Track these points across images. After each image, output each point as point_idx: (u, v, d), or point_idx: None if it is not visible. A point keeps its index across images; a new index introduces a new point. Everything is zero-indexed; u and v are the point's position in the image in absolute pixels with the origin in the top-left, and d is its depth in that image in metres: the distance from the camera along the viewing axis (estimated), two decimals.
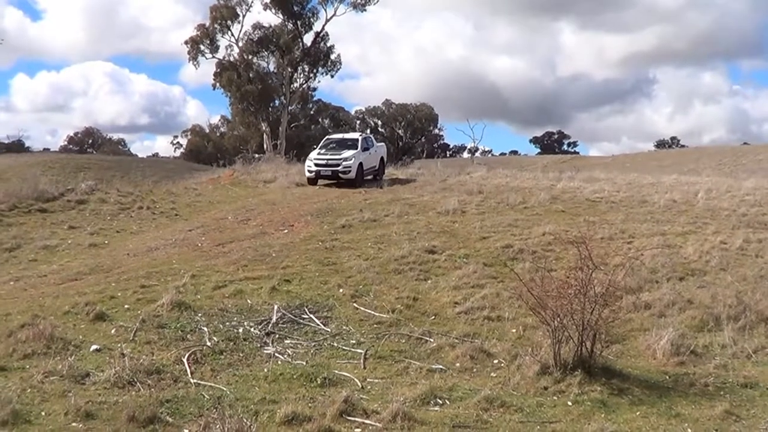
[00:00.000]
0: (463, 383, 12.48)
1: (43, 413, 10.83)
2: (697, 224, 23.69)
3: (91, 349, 13.33)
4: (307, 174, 35.97)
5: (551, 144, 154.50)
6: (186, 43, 67.33)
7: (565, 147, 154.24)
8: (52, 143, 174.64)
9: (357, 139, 37.93)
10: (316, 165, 35.49)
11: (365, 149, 37.15)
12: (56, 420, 10.62)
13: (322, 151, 36.69)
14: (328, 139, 39.91)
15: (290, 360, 13.22)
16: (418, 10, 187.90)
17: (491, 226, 22.60)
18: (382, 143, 43.77)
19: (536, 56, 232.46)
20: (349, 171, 34.87)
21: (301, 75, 70.58)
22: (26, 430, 10.29)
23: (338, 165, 35.00)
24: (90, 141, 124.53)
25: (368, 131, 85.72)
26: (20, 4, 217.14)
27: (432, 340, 14.41)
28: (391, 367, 13.20)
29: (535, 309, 13.38)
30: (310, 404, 11.12)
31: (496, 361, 13.62)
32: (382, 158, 39.82)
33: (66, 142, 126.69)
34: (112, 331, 14.24)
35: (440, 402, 11.59)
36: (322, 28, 66.99)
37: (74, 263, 21.59)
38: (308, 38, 67.47)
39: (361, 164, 35.63)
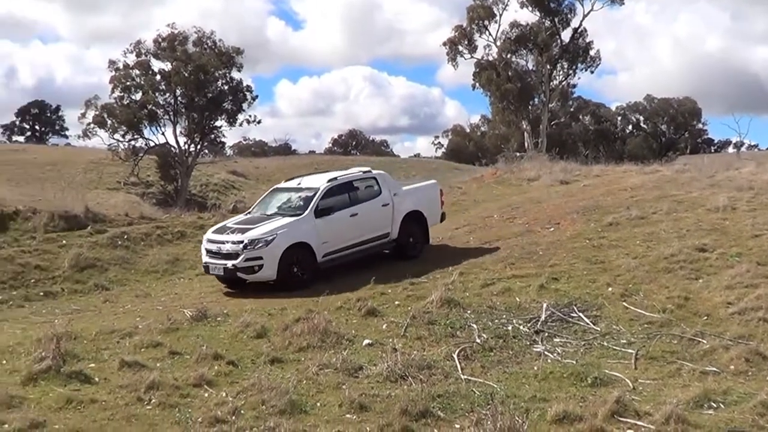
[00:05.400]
0: (738, 387, 11.88)
1: (318, 404, 11.28)
2: None
3: (364, 344, 13.79)
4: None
5: None
6: (444, 44, 67.82)
7: None
8: (317, 146, 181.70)
9: (316, 189, 20.56)
10: (207, 252, 20.14)
11: (340, 207, 20.54)
12: (331, 411, 11.02)
13: (229, 224, 21.03)
14: (276, 189, 22.93)
15: (560, 359, 13.10)
16: (673, 1, 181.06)
17: (764, 223, 21.44)
18: (428, 182, 24.87)
19: None
20: (256, 266, 19.08)
21: (560, 72, 69.47)
22: (302, 419, 10.70)
23: (236, 255, 19.18)
24: (353, 143, 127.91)
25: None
26: (282, 15, 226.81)
27: (704, 341, 13.80)
28: (663, 368, 12.78)
29: None
30: (580, 403, 10.96)
31: None
32: (414, 215, 22.07)
33: (330, 144, 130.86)
34: (384, 327, 14.68)
35: (714, 405, 11.10)
36: (580, 24, 65.75)
37: None
38: (566, 35, 66.45)
39: (304, 249, 19.60)
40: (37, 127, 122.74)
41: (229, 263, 19.25)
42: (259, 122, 64.99)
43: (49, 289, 21.11)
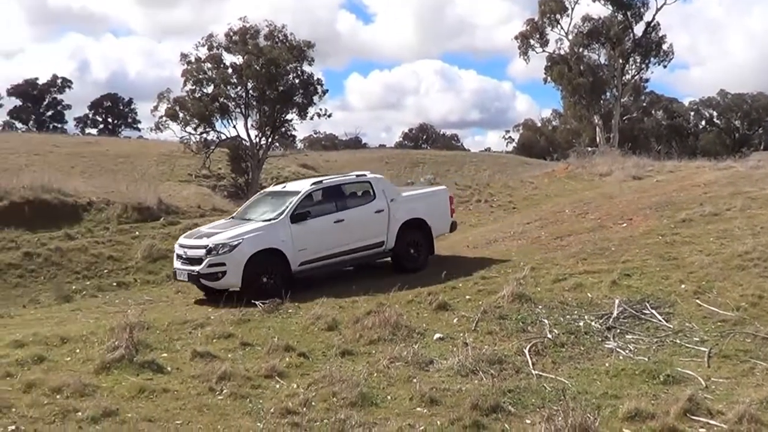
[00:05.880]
0: None
1: (388, 397, 11.37)
2: None
3: (435, 338, 13.86)
4: None
5: None
6: (516, 38, 67.63)
7: None
8: (387, 140, 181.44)
9: (297, 193, 19.48)
10: (177, 258, 19.07)
11: (323, 212, 19.36)
12: (401, 404, 11.10)
13: (203, 228, 20.77)
14: (263, 193, 22.05)
15: (632, 355, 13.01)
16: None
17: None
18: (435, 188, 24.57)
19: None
20: (219, 272, 17.93)
21: (633, 66, 68.72)
22: (373, 412, 10.80)
23: (200, 261, 18.09)
24: (424, 137, 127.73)
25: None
26: (353, 9, 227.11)
27: None
28: (736, 367, 12.63)
29: None
30: (652, 401, 10.90)
31: None
32: (415, 223, 20.60)
33: (401, 138, 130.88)
34: (454, 321, 14.71)
35: None
36: (653, 18, 64.93)
37: None
38: (638, 29, 65.69)
39: (275, 256, 18.39)
40: (109, 120, 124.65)
41: (194, 269, 18.17)
42: (329, 116, 65.50)
43: (122, 279, 21.59)
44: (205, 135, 58.97)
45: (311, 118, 60.09)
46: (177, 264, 18.90)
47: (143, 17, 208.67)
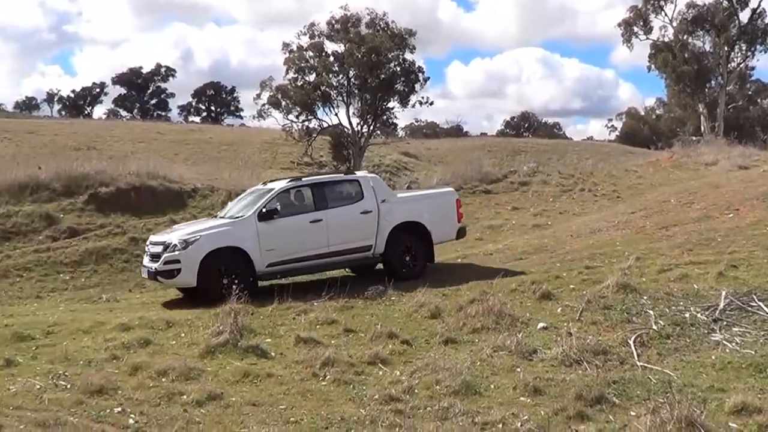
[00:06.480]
0: None
1: (492, 386, 11.41)
2: None
3: (538, 327, 13.82)
4: None
5: None
6: (619, 25, 66.80)
7: None
8: (488, 128, 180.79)
9: (271, 191, 18.61)
10: (147, 255, 18.47)
11: (297, 211, 18.43)
12: (505, 393, 11.14)
13: (177, 225, 21.17)
14: (248, 191, 20.88)
15: (738, 348, 12.73)
16: None
17: None
18: (439, 189, 23.36)
19: None
20: (174, 270, 17.32)
21: (738, 54, 67.26)
22: (476, 401, 10.86)
23: (158, 257, 17.61)
24: (525, 125, 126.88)
25: None
26: None
27: None
28: None
29: None
30: (759, 395, 10.67)
31: None
32: (411, 227, 19.18)
33: (502, 126, 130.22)
34: (558, 310, 14.65)
35: None
36: (759, 4, 63.42)
37: (518, 243, 22.38)
38: (744, 15, 64.20)
39: (238, 256, 17.55)
40: (212, 108, 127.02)
41: (152, 266, 17.70)
42: (431, 104, 65.46)
43: None
44: (307, 123, 59.45)
45: (412, 106, 60.06)
46: (145, 261, 18.44)
47: (246, 6, 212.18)
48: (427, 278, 17.81)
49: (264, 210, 17.76)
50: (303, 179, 19.31)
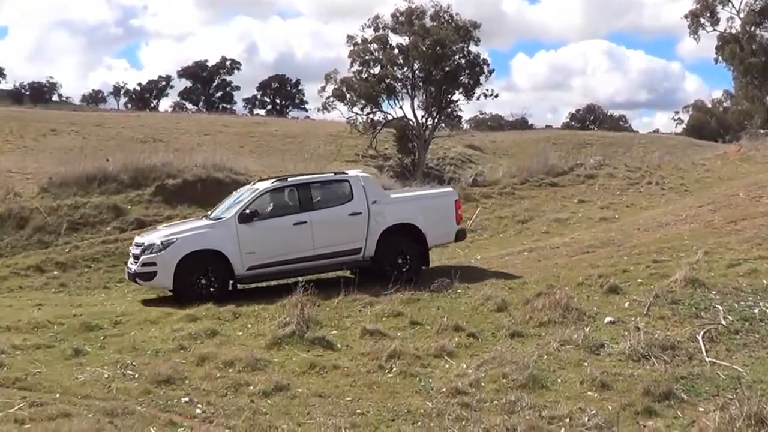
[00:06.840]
0: None
1: (559, 380, 11.43)
2: None
3: (605, 321, 13.73)
4: None
5: None
6: (685, 16, 66.03)
7: None
8: (553, 120, 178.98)
9: (254, 191, 18.15)
10: (131, 255, 18.17)
11: (280, 213, 17.89)
12: (572, 387, 11.15)
13: (161, 226, 20.18)
14: (237, 191, 19.97)
15: None
16: None
17: None
18: (437, 190, 22.39)
19: None
20: (151, 272, 17.03)
21: None
22: (543, 395, 10.90)
23: (137, 259, 17.34)
24: (591, 117, 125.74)
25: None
26: None
27: None
28: None
29: None
30: None
31: None
32: (404, 229, 18.33)
33: (568, 119, 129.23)
34: (626, 305, 14.51)
35: None
36: None
37: (585, 236, 22.26)
38: None
39: (216, 258, 17.12)
40: (277, 101, 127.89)
41: (132, 267, 17.51)
42: (495, 96, 65.70)
43: None
44: (371, 115, 59.82)
45: (477, 99, 60.19)
46: (128, 261, 18.17)
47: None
48: (493, 271, 17.77)
49: (245, 212, 17.32)
50: (289, 179, 18.56)
